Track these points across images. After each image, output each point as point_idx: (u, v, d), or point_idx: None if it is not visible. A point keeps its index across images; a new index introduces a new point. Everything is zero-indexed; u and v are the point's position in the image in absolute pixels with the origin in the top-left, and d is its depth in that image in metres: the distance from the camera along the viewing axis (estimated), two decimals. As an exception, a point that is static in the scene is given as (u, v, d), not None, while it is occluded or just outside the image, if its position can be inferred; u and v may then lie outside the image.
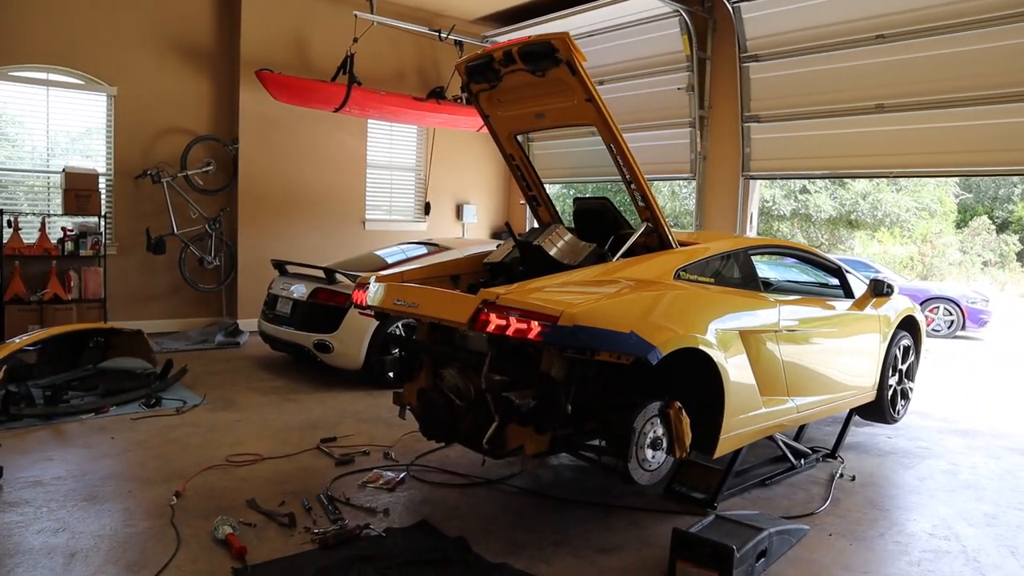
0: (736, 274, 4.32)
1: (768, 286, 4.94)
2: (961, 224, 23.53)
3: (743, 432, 3.86)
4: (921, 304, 12.30)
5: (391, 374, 4.84)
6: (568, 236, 4.21)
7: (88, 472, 4.15)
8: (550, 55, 3.68)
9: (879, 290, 5.15)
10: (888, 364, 5.33)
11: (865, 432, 5.61)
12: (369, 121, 10.09)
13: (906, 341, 5.59)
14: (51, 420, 5.07)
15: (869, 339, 5.10)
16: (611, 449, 3.49)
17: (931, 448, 5.32)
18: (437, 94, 9.90)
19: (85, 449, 4.56)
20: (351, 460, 4.50)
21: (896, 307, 5.41)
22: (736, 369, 3.74)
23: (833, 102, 7.88)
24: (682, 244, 4.22)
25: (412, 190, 11.01)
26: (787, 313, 4.30)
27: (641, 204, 4.07)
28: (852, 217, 21.59)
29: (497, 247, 4.63)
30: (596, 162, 9.76)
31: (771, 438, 4.49)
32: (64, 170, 7.78)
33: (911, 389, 5.81)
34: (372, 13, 9.31)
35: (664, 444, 3.44)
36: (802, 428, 5.02)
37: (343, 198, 10.02)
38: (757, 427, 3.98)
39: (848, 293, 5.15)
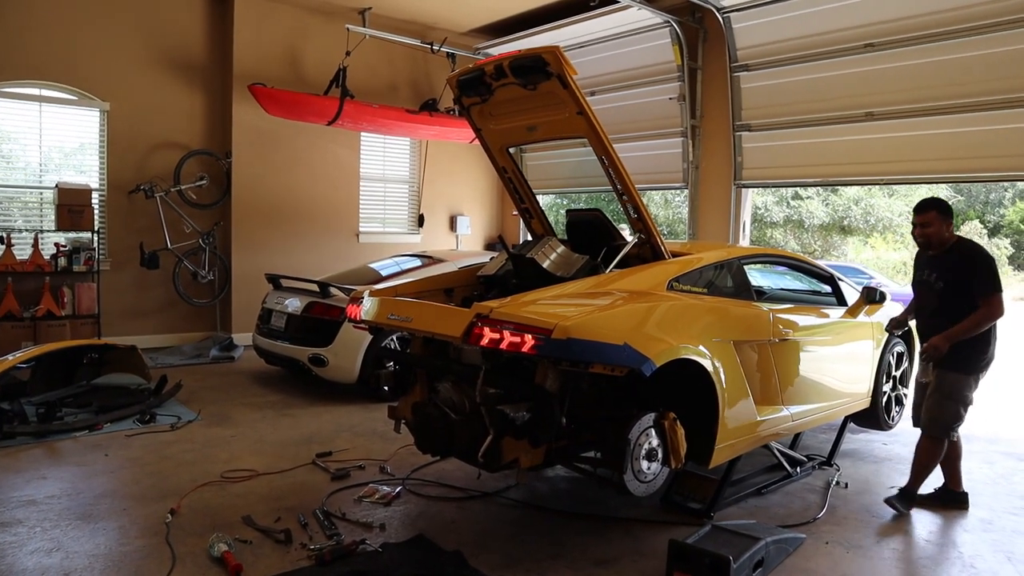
0: (729, 284, 4.33)
1: (761, 295, 4.96)
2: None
3: (738, 441, 3.86)
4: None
5: (386, 388, 4.83)
6: (561, 248, 4.22)
7: (82, 490, 4.13)
8: (541, 69, 3.70)
9: (871, 297, 5.17)
10: (882, 371, 5.36)
11: (861, 439, 5.62)
12: (362, 134, 10.11)
13: (899, 347, 5.62)
14: (45, 438, 5.05)
15: (862, 346, 5.12)
16: (607, 461, 3.49)
17: (926, 454, 5.32)
18: (430, 106, 9.94)
19: (79, 467, 4.54)
20: (347, 475, 4.49)
21: (889, 314, 5.42)
22: (730, 379, 3.74)
23: (823, 110, 7.92)
24: (675, 255, 4.23)
25: (406, 202, 11.03)
26: (780, 322, 4.32)
27: (633, 215, 4.09)
28: (845, 223, 21.70)
29: (491, 260, 4.64)
30: (589, 172, 9.80)
31: (767, 447, 4.50)
32: (57, 186, 7.79)
33: (905, 395, 5.83)
34: (364, 26, 9.36)
35: (659, 455, 3.44)
36: (797, 436, 5.03)
37: (337, 211, 10.02)
38: (752, 436, 3.98)
39: (841, 300, 5.18)
